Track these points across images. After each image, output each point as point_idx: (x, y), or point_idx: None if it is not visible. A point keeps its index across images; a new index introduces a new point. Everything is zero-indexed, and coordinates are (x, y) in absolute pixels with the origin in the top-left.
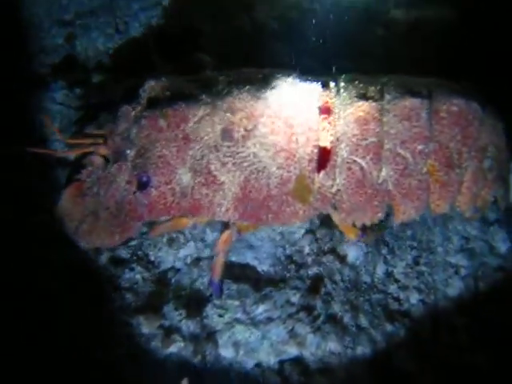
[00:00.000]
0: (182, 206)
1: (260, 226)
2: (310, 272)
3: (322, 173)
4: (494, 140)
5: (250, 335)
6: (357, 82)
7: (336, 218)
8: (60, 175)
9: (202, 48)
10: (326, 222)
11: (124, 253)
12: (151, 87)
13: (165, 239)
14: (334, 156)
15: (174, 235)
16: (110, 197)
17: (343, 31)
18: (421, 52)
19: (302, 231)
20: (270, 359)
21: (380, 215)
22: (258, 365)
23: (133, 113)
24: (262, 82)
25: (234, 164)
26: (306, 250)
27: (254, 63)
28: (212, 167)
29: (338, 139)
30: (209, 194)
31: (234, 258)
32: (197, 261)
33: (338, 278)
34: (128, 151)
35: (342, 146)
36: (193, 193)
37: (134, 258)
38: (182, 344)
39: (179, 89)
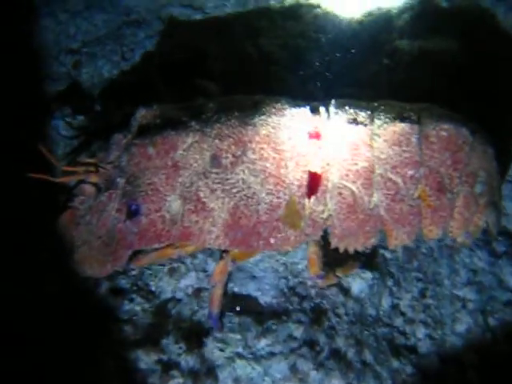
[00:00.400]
0: (172, 233)
1: (252, 253)
2: (313, 305)
3: (313, 198)
4: (484, 165)
5: (251, 371)
6: (347, 107)
7: (311, 248)
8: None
9: (207, 75)
10: (329, 253)
11: (124, 283)
12: (142, 115)
13: (166, 269)
14: (324, 181)
15: (176, 265)
16: (102, 225)
17: (347, 60)
18: (424, 82)
19: (306, 262)
20: None
21: (373, 241)
22: None
23: (124, 141)
24: (252, 108)
25: (223, 190)
26: (310, 281)
27: (259, 90)
28: (201, 194)
29: (328, 164)
30: (199, 221)
31: (236, 289)
32: (198, 291)
33: (341, 311)
34: (118, 179)
35: (333, 170)
36: (183, 220)
37: (134, 288)
38: (181, 380)
39: (170, 116)
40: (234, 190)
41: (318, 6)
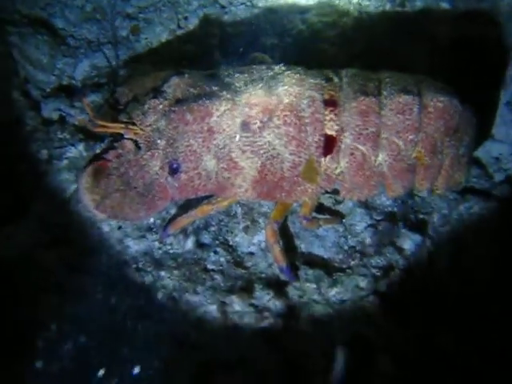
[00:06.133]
0: (207, 187)
1: (286, 210)
2: (372, 261)
3: (329, 157)
4: (468, 131)
5: (326, 313)
6: (357, 78)
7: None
8: None
9: (261, 48)
10: (386, 218)
11: (206, 238)
12: (176, 83)
13: (241, 226)
14: (338, 143)
15: (250, 223)
16: (140, 178)
17: (389, 43)
18: (462, 66)
19: (364, 224)
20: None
21: (375, 193)
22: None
23: (160, 106)
24: (274, 79)
25: (252, 151)
26: (368, 241)
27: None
28: (233, 154)
29: (342, 129)
30: (231, 178)
31: (302, 246)
32: None
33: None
34: (159, 141)
35: (346, 134)
36: (217, 176)
37: (216, 242)
38: (273, 320)
39: (202, 86)
40: (262, 151)
41: None
